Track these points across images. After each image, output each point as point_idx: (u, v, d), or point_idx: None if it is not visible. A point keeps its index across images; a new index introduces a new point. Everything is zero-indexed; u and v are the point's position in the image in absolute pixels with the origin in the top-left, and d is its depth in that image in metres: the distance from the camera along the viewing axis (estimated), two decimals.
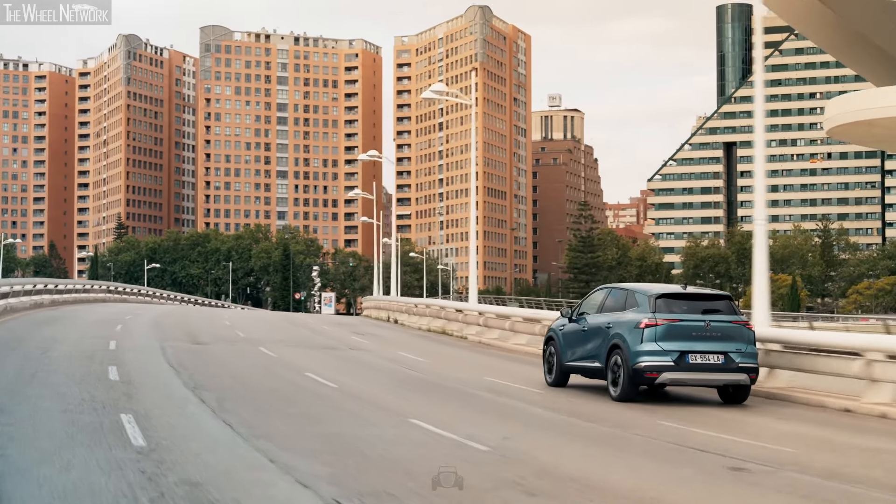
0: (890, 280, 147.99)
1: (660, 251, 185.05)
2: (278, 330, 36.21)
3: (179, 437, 11.58)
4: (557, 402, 17.64)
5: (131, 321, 34.98)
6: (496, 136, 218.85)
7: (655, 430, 14.15)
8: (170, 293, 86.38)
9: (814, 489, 10.04)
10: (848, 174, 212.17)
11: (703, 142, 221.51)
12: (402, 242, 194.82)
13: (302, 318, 54.43)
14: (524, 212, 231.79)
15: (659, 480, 10.28)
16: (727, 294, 18.33)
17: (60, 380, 16.54)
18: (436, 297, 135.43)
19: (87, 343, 24.16)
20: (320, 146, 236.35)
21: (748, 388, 17.73)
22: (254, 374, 19.89)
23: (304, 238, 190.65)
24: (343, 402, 16.04)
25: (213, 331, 32.34)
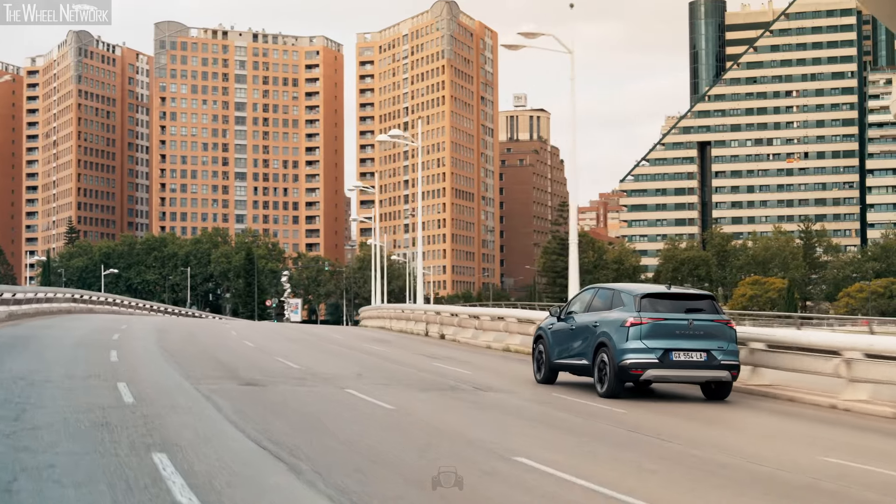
0: (882, 282, 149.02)
1: (636, 254, 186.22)
2: (327, 354, 28.74)
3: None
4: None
5: (125, 343, 27.93)
6: (464, 135, 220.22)
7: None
8: (139, 301, 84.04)
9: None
10: (826, 174, 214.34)
11: (677, 141, 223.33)
12: (363, 246, 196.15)
13: (317, 332, 45.62)
14: (491, 214, 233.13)
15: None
16: (710, 294, 19.73)
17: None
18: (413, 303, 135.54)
19: (83, 391, 15.85)
20: (280, 147, 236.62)
21: (730, 384, 19.09)
22: (399, 451, 11.87)
23: (266, 242, 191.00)
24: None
25: (245, 357, 25.29)
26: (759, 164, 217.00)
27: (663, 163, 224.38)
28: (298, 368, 22.24)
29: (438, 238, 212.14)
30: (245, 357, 25.46)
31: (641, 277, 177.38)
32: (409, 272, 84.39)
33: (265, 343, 32.44)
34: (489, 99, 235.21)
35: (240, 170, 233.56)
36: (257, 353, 27.55)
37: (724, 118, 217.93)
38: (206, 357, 24.77)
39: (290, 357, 25.49)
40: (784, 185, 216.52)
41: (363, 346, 33.11)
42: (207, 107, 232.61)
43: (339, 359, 26.73)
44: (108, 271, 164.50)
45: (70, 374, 18.22)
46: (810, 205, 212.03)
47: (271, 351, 28.39)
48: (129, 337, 31.46)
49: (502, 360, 28.63)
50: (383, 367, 24.28)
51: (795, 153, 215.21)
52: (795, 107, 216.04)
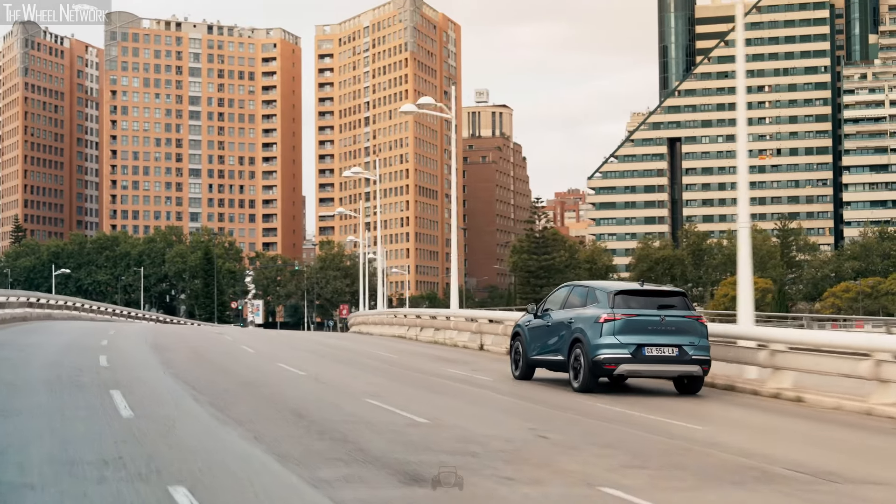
0: (870, 281, 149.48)
1: (609, 253, 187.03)
2: (421, 387, 20.99)
3: None
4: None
5: (119, 367, 21.18)
6: (427, 131, 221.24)
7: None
8: (100, 305, 74.99)
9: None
10: (799, 171, 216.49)
11: (646, 137, 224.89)
12: (324, 245, 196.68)
13: (338, 344, 38.09)
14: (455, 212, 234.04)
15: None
16: (681, 291, 20.97)
17: None
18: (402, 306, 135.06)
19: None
20: (236, 143, 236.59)
21: (701, 379, 20.27)
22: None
23: (223, 241, 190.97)
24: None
25: (327, 400, 17.43)
26: (731, 161, 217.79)
27: (632, 159, 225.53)
28: (427, 423, 14.70)
29: (401, 237, 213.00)
30: (326, 400, 17.44)
31: (615, 277, 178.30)
32: (364, 271, 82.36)
33: (319, 370, 23.55)
34: (453, 94, 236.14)
35: (194, 166, 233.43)
36: (333, 391, 19.29)
37: (695, 114, 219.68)
38: (272, 405, 16.07)
39: (387, 398, 17.58)
40: (756, 183, 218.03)
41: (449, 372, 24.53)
42: (160, 101, 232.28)
43: (462, 401, 18.44)
44: (60, 271, 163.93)
45: (63, 439, 11.71)
46: (783, 202, 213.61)
47: (349, 387, 19.96)
48: (119, 355, 24.46)
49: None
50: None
51: (768, 150, 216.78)
52: (768, 102, 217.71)
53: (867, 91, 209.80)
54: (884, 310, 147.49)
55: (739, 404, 19.25)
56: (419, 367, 25.61)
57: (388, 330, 50.30)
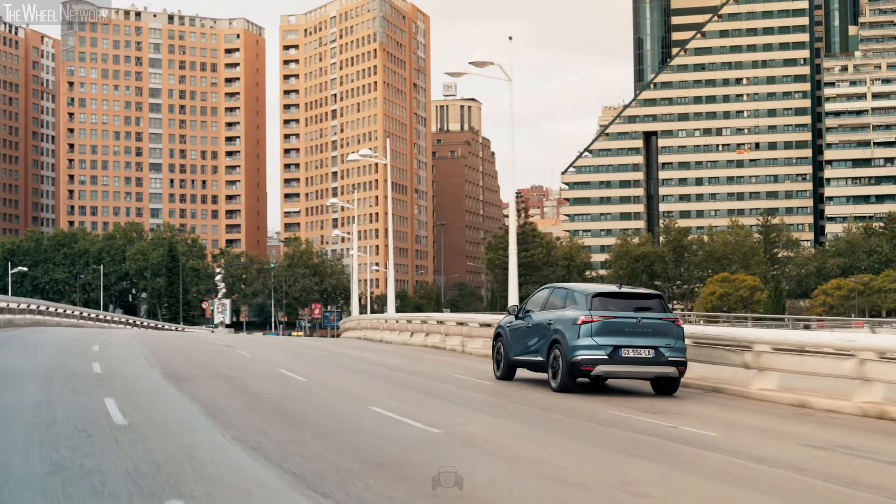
0: (862, 279, 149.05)
1: (586, 250, 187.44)
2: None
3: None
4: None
5: (144, 423, 14.15)
6: (397, 124, 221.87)
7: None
8: (66, 307, 68.26)
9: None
10: (778, 165, 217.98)
11: (621, 131, 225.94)
12: (291, 242, 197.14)
13: (363, 357, 33.02)
14: (424, 208, 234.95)
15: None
16: (658, 293, 22.06)
17: None
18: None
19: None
20: (198, 136, 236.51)
21: (677, 380, 21.31)
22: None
23: (186, 237, 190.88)
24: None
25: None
26: (708, 156, 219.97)
27: (607, 154, 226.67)
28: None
29: (371, 233, 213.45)
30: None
31: (593, 275, 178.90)
32: (355, 273, 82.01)
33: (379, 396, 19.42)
34: (421, 86, 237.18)
35: (155, 160, 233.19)
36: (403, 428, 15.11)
37: (671, 107, 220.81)
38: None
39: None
40: (734, 178, 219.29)
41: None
42: (119, 93, 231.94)
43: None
44: (15, 270, 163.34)
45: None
46: (762, 198, 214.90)
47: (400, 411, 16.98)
48: (153, 419, 14.70)
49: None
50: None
51: (746, 143, 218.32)
52: (746, 95, 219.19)
53: (848, 83, 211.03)
54: (876, 307, 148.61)
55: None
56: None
57: (395, 336, 49.54)
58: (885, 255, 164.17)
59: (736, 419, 17.66)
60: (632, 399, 20.59)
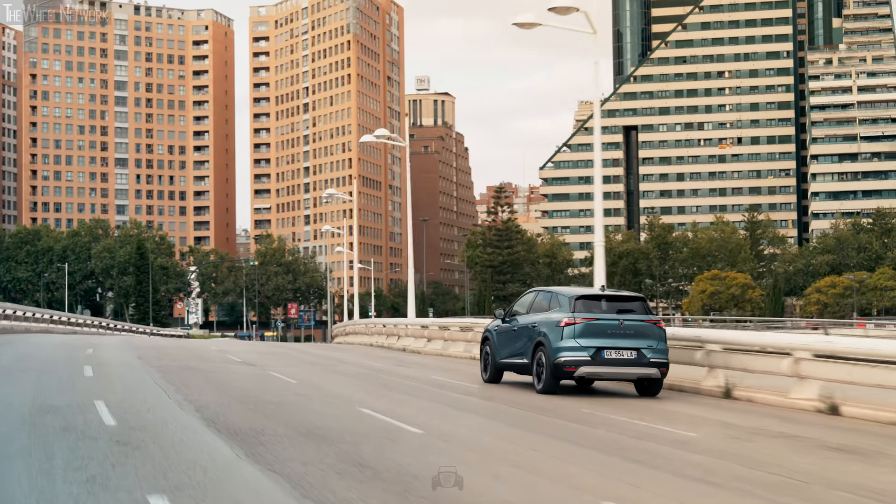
0: (860, 276, 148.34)
1: (568, 247, 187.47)
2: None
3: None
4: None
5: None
6: (370, 118, 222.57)
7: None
8: (32, 309, 63.72)
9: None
10: (761, 161, 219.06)
11: (602, 125, 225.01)
12: (262, 239, 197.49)
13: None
14: (398, 204, 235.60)
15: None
16: (641, 296, 23.08)
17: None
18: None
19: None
20: (165, 131, 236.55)
21: (660, 381, 22.33)
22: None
23: (154, 234, 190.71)
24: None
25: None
26: (689, 150, 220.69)
27: (586, 149, 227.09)
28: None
29: (345, 230, 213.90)
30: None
31: (576, 273, 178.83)
32: (346, 275, 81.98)
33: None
34: (395, 79, 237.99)
35: (120, 155, 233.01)
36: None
37: (652, 101, 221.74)
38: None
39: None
40: (716, 173, 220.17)
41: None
42: (84, 85, 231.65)
43: None
44: None
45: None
46: (744, 194, 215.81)
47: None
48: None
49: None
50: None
51: (728, 138, 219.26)
52: (728, 88, 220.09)
53: (833, 77, 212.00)
54: (871, 306, 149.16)
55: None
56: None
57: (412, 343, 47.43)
58: (874, 252, 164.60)
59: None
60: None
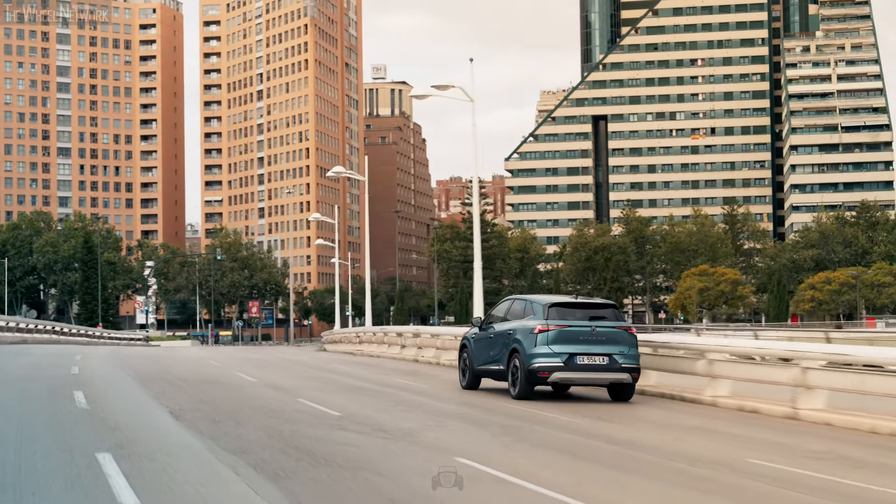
0: (848, 272, 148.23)
1: (539, 242, 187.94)
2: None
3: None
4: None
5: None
6: (328, 106, 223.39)
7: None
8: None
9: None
10: (735, 152, 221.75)
11: (569, 115, 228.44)
12: (215, 233, 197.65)
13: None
14: (357, 196, 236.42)
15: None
16: (612, 303, 24.96)
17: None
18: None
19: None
20: (111, 119, 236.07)
21: (632, 386, 24.07)
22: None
23: (101, 228, 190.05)
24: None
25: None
26: (661, 141, 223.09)
27: (553, 139, 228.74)
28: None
29: (301, 224, 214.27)
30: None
31: (548, 268, 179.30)
32: (338, 278, 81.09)
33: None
34: (353, 66, 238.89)
35: (63, 145, 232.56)
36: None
37: (622, 89, 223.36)
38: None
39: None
40: (689, 165, 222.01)
41: None
42: (24, 71, 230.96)
43: None
44: None
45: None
46: (718, 186, 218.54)
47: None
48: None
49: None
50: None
51: (701, 129, 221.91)
52: (701, 77, 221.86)
53: (811, 65, 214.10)
54: (868, 302, 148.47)
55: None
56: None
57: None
58: (860, 247, 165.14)
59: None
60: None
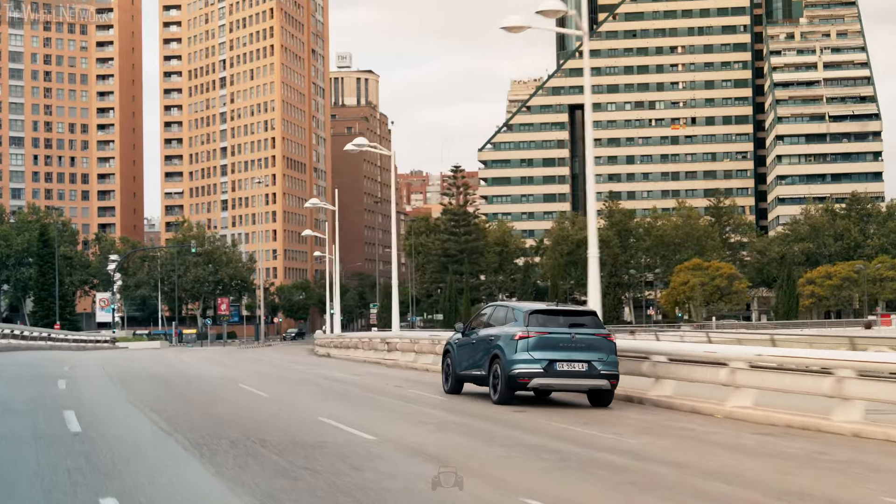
0: (855, 265, 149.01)
1: (518, 236, 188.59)
2: None
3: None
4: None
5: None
6: (295, 94, 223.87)
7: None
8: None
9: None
10: (716, 142, 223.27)
11: (544, 104, 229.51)
12: (177, 226, 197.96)
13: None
14: (324, 188, 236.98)
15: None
16: (592, 310, 26.57)
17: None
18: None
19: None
20: (66, 107, 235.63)
21: (611, 392, 25.50)
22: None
23: (56, 221, 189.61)
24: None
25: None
26: (640, 131, 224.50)
27: (528, 129, 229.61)
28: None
29: (267, 216, 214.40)
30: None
31: (528, 262, 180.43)
32: (330, 279, 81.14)
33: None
34: (320, 53, 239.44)
35: (15, 134, 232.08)
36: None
37: (599, 78, 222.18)
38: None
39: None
40: (668, 156, 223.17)
41: None
42: None
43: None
44: None
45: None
46: (699, 178, 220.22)
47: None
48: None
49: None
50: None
51: (681, 119, 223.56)
52: (681, 65, 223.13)
53: (795, 52, 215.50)
54: (870, 298, 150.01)
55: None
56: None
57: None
58: (853, 240, 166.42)
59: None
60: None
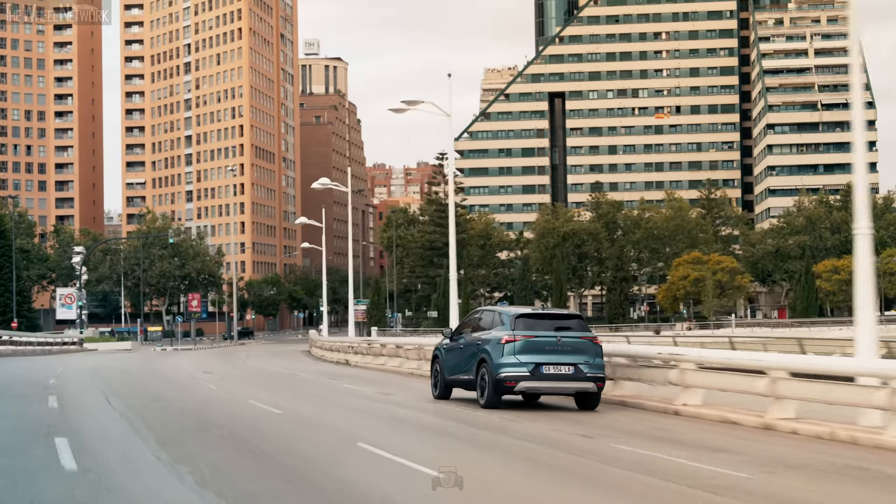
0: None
1: (501, 228, 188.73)
2: None
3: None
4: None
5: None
6: (264, 80, 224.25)
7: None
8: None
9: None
10: (701, 132, 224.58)
11: (523, 91, 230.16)
12: (139, 218, 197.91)
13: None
14: (293, 179, 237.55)
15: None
16: (578, 314, 27.98)
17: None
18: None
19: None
20: (21, 93, 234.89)
21: (597, 395, 26.82)
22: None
23: (12, 212, 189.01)
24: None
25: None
26: (623, 120, 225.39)
27: (507, 118, 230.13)
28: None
29: (235, 208, 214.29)
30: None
31: (512, 256, 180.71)
32: (324, 280, 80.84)
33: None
34: (289, 38, 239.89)
35: None
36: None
37: (580, 64, 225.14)
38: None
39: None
40: (652, 146, 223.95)
41: None
42: None
43: None
44: None
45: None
46: (683, 169, 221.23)
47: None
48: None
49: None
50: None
51: (665, 107, 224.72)
52: (665, 52, 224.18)
53: (784, 39, 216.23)
54: (882, 293, 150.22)
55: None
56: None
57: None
58: (851, 233, 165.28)
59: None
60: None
